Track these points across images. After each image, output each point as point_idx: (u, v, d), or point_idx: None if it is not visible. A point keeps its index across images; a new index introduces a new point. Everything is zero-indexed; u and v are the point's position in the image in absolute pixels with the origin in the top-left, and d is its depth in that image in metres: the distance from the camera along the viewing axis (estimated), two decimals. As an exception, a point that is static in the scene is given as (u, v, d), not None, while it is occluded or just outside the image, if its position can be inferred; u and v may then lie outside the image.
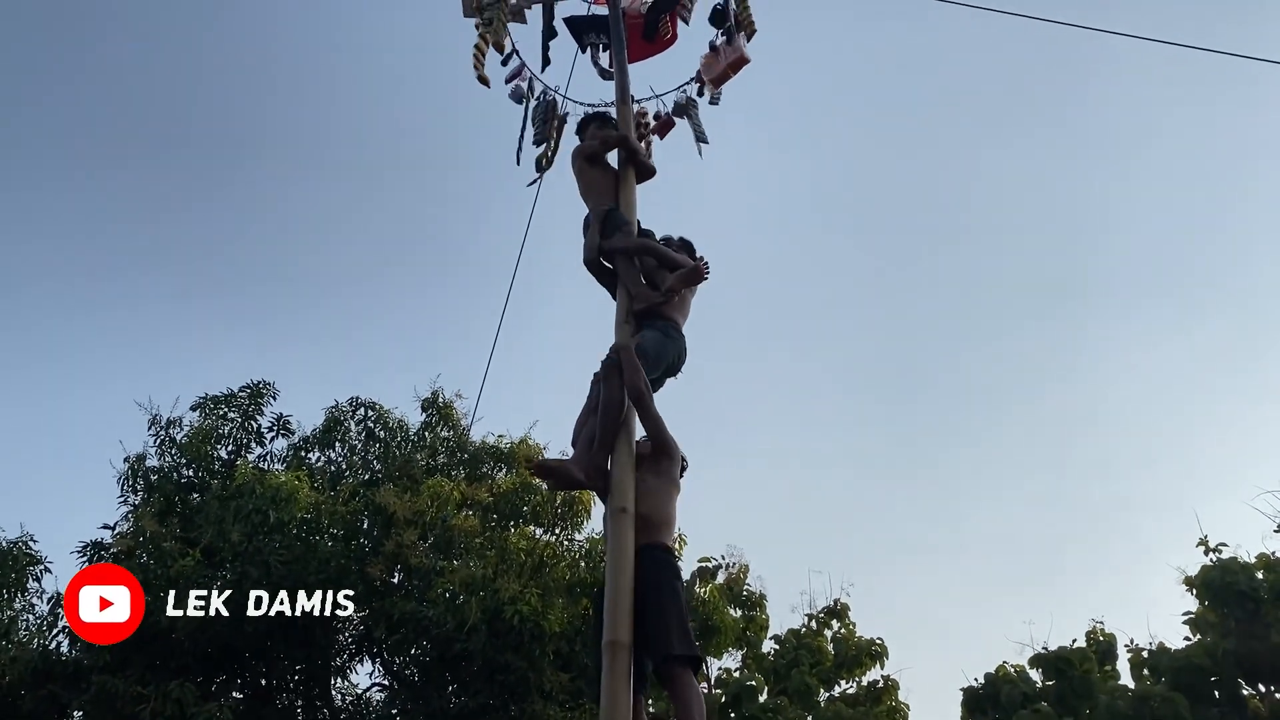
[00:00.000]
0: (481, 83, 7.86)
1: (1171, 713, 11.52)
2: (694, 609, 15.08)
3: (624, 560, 5.00)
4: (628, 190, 6.68)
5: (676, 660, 4.92)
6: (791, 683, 15.23)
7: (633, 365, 5.55)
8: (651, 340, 5.85)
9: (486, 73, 7.82)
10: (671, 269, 6.14)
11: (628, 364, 5.56)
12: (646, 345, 5.79)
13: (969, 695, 14.13)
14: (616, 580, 4.97)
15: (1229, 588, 12.24)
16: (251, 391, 15.34)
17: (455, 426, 15.74)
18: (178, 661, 12.14)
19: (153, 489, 14.48)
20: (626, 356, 5.60)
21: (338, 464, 15.36)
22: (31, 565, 13.88)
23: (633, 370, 5.54)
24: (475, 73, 7.79)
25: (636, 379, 5.53)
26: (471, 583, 12.19)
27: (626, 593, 4.89)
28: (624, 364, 5.57)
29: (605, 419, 5.49)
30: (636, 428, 5.60)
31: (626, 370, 5.54)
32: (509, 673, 12.06)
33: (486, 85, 7.90)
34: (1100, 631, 14.03)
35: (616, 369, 5.57)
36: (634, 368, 5.55)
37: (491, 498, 13.97)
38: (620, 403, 5.50)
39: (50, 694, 12.09)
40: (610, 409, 5.49)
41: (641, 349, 5.72)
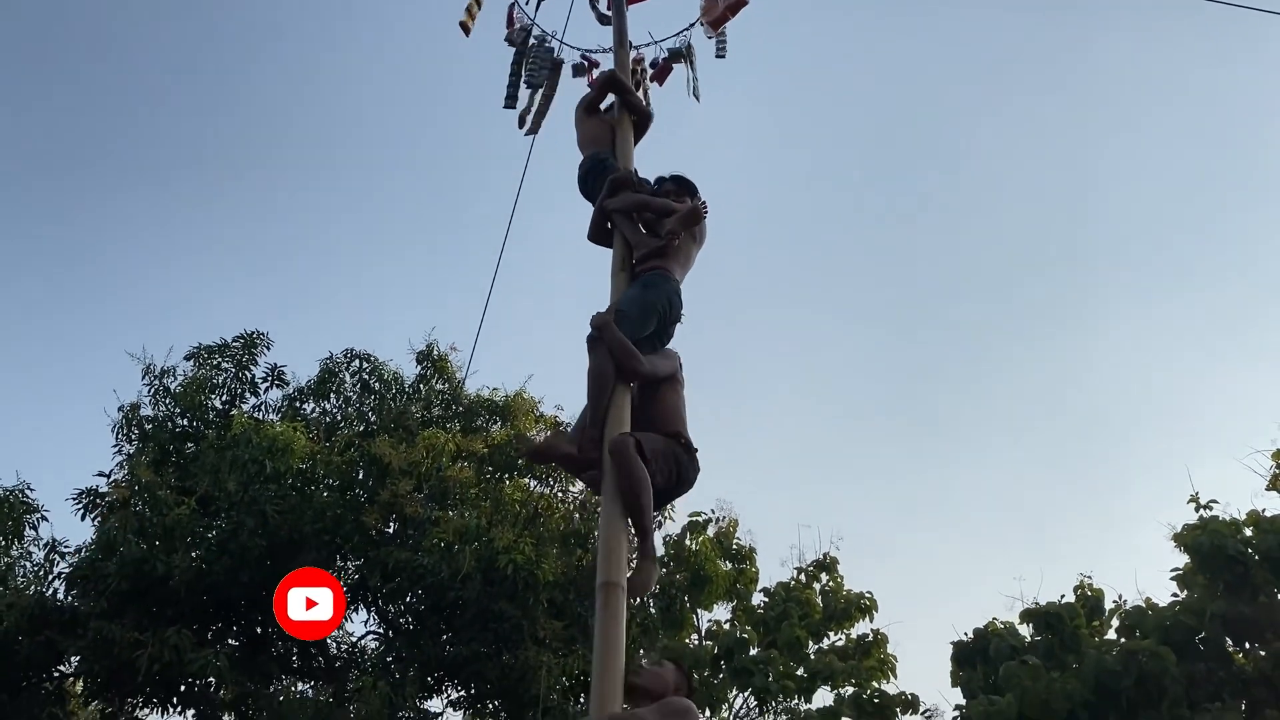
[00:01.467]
0: (462, 28, 7.78)
1: (1159, 667, 11.64)
2: (685, 560, 15.24)
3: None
4: (624, 134, 6.58)
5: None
6: (781, 635, 15.39)
7: (617, 341, 5.31)
8: (630, 300, 5.62)
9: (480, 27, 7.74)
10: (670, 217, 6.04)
11: (612, 340, 5.31)
12: (625, 307, 5.56)
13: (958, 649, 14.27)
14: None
15: (1218, 551, 12.33)
16: (245, 342, 15.32)
17: (450, 379, 15.78)
18: (174, 609, 12.23)
19: (147, 438, 14.53)
20: (610, 335, 5.33)
21: (332, 415, 15.40)
22: (28, 513, 13.96)
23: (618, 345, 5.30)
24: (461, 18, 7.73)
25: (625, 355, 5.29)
26: (466, 532, 12.29)
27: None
28: (608, 342, 5.31)
29: (592, 393, 5.30)
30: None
31: (614, 348, 5.29)
32: (503, 621, 12.19)
33: (466, 33, 7.82)
34: (1088, 586, 14.16)
35: (598, 341, 5.35)
36: (619, 343, 5.30)
37: (486, 449, 14.05)
38: (606, 375, 5.26)
39: (47, 640, 12.18)
40: (596, 382, 5.30)
41: (621, 314, 5.49)
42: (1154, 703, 11.73)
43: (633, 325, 5.47)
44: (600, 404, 5.25)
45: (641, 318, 5.57)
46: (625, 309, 5.55)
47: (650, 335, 5.62)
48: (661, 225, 5.95)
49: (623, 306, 5.57)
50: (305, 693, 13.11)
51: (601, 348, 5.33)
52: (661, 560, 15.25)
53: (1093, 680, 12.00)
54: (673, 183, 6.27)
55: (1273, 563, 12.10)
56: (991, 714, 12.42)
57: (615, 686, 4.31)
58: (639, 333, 5.49)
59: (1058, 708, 12.01)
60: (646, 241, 5.92)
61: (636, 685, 4.46)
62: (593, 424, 5.24)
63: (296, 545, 12.64)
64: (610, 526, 4.98)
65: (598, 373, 5.30)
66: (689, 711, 4.15)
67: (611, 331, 5.37)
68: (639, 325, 5.52)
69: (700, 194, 6.18)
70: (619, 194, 6.15)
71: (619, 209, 6.09)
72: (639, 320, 5.54)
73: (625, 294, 5.69)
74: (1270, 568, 12.14)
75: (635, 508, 4.90)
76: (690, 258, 6.01)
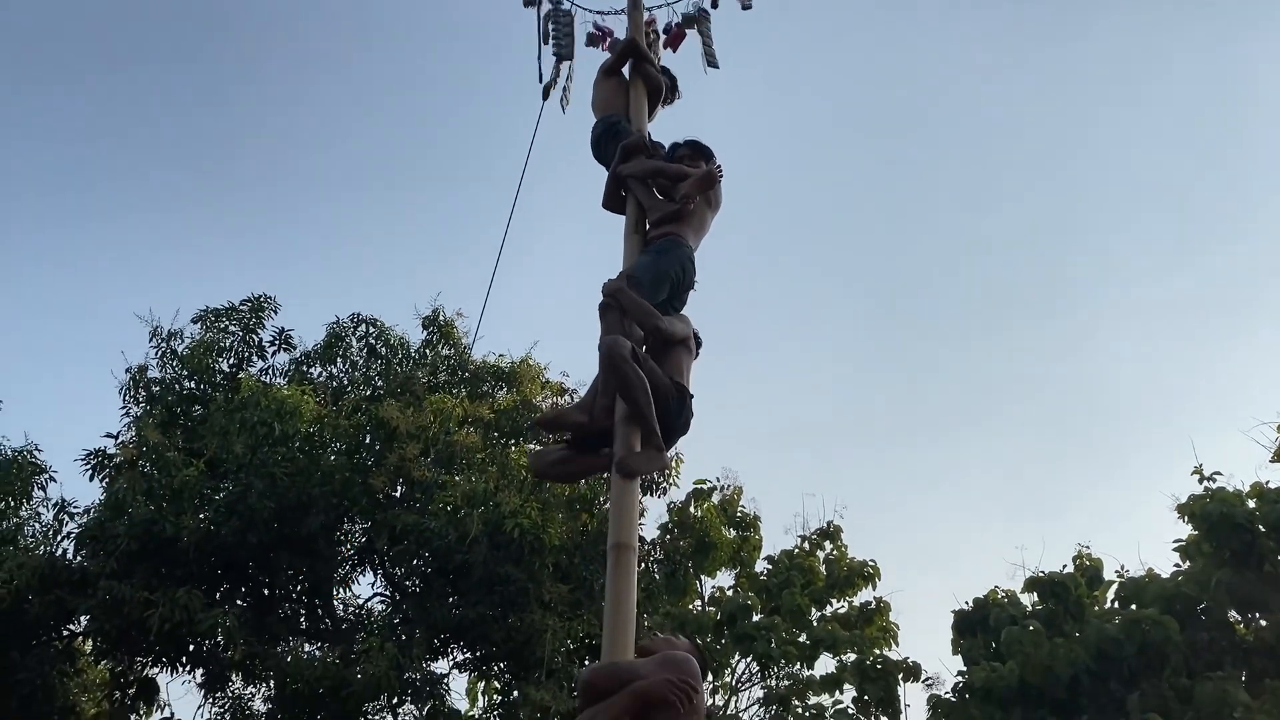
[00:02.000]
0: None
1: (1162, 635, 11.70)
2: (690, 528, 15.32)
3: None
4: (638, 97, 6.57)
5: None
6: (784, 602, 15.45)
7: (633, 302, 5.27)
8: (642, 266, 5.58)
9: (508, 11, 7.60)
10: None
11: (628, 303, 5.27)
12: (638, 274, 5.52)
13: (959, 618, 14.34)
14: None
15: (1225, 518, 12.34)
16: (253, 305, 15.34)
17: (456, 345, 15.80)
18: (183, 570, 12.34)
19: (154, 400, 14.59)
20: (625, 299, 5.29)
21: (339, 379, 15.44)
22: (37, 474, 14.06)
23: (635, 306, 5.26)
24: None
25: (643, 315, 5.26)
26: (473, 496, 12.35)
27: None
28: (624, 305, 5.27)
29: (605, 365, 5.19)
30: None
31: (631, 310, 5.25)
32: (509, 584, 12.28)
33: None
34: (1087, 556, 14.21)
35: (609, 309, 5.31)
36: (635, 304, 5.27)
37: (493, 415, 14.09)
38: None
39: (57, 599, 12.30)
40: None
41: (634, 280, 5.46)
42: (1156, 671, 11.80)
43: (645, 292, 5.43)
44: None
45: (654, 284, 5.53)
46: (638, 275, 5.51)
47: (663, 302, 5.57)
48: (676, 190, 5.89)
49: (635, 273, 5.53)
50: (313, 653, 13.22)
51: (612, 314, 5.30)
52: (666, 527, 15.35)
53: (1094, 648, 12.07)
54: (687, 147, 6.21)
55: (1278, 533, 12.13)
56: (993, 680, 12.51)
57: (627, 642, 4.38)
58: (652, 300, 5.45)
59: (1061, 673, 12.08)
60: (661, 206, 5.88)
61: (647, 649, 4.54)
62: (604, 392, 5.21)
63: (304, 508, 12.72)
64: (621, 490, 5.02)
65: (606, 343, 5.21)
66: (687, 662, 4.19)
67: (626, 295, 5.35)
68: (652, 292, 5.47)
69: (715, 158, 6.14)
70: (632, 160, 6.13)
71: (632, 175, 6.06)
72: (651, 287, 5.50)
73: (638, 260, 5.66)
74: (1276, 538, 12.16)
75: (636, 402, 4.97)
76: (705, 223, 5.95)
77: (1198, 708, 11.15)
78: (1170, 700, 11.46)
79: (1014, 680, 12.36)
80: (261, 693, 13.65)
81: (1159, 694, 11.53)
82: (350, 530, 13.90)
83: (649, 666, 4.16)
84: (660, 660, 4.17)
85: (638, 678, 4.13)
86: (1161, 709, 11.25)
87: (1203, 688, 11.24)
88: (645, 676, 4.08)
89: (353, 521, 13.67)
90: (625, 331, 5.26)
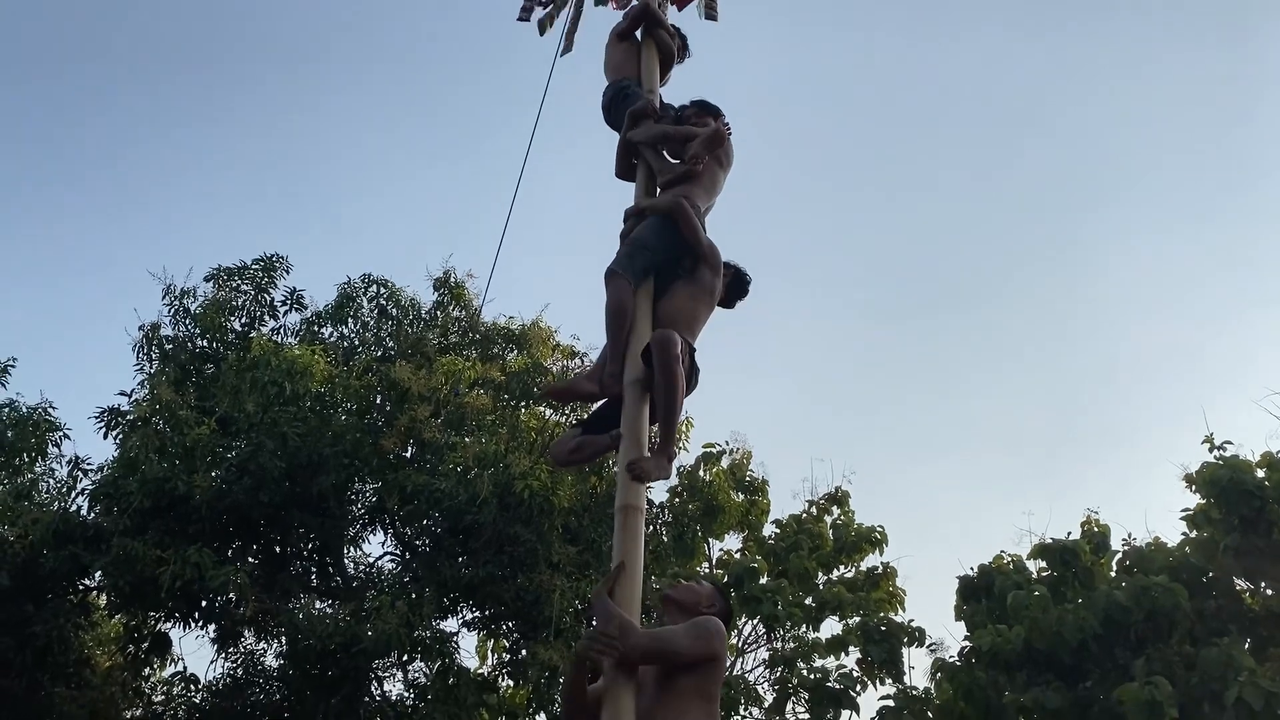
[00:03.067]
0: None
1: (1171, 602, 11.74)
2: (699, 491, 15.38)
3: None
4: (649, 59, 6.48)
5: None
6: (791, 565, 15.54)
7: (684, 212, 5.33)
8: (651, 229, 5.45)
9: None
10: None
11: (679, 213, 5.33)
12: (644, 236, 5.40)
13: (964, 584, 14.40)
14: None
15: (1235, 485, 12.33)
16: (265, 264, 15.36)
17: (466, 307, 15.82)
18: (195, 527, 12.44)
19: (167, 358, 14.67)
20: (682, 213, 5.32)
21: (350, 340, 15.50)
22: (51, 431, 14.17)
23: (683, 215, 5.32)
24: None
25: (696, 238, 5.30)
26: (484, 457, 12.42)
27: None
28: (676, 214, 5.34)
29: (611, 328, 5.16)
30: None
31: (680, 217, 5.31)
32: (518, 544, 12.37)
33: None
34: (1095, 523, 14.22)
35: (615, 275, 5.20)
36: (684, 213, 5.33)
37: (503, 377, 14.13)
38: (624, 309, 5.12)
39: (71, 554, 12.43)
40: (615, 318, 5.15)
41: (640, 244, 5.35)
42: (1162, 637, 11.85)
43: (653, 255, 5.33)
44: (620, 339, 5.12)
45: (661, 246, 5.40)
46: (645, 238, 5.41)
47: (673, 266, 5.43)
48: (686, 151, 5.79)
49: (642, 236, 5.43)
50: (324, 610, 13.37)
51: (618, 280, 5.19)
52: (675, 490, 15.41)
53: (1102, 614, 12.12)
54: (694, 107, 6.12)
55: (1288, 502, 12.13)
56: (999, 644, 12.57)
57: (634, 604, 4.41)
58: (660, 262, 5.35)
59: (1069, 638, 12.13)
60: (671, 168, 5.79)
61: (669, 598, 4.60)
62: (613, 359, 5.13)
63: (315, 467, 12.81)
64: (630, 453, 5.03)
65: (616, 307, 5.16)
66: (718, 635, 4.11)
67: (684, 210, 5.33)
68: (659, 254, 5.36)
69: (723, 115, 6.05)
70: (639, 125, 6.06)
71: (641, 141, 6.00)
72: (658, 249, 5.38)
73: (645, 223, 5.55)
74: (1285, 507, 12.16)
75: (669, 407, 4.89)
76: (717, 182, 5.84)
77: (1202, 673, 11.21)
78: (1175, 666, 11.53)
79: (1020, 644, 12.43)
80: (273, 648, 13.85)
81: (1164, 659, 11.59)
82: (361, 490, 13.98)
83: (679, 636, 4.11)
84: (690, 631, 4.10)
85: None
86: (1167, 674, 11.31)
87: (1208, 653, 11.29)
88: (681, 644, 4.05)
89: (363, 481, 13.75)
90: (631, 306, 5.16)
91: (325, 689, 12.85)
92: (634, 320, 5.16)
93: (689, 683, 4.00)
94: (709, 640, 4.07)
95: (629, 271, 5.23)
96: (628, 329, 5.14)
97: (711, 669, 4.06)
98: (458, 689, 12.44)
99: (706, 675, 4.04)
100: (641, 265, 5.30)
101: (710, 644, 4.06)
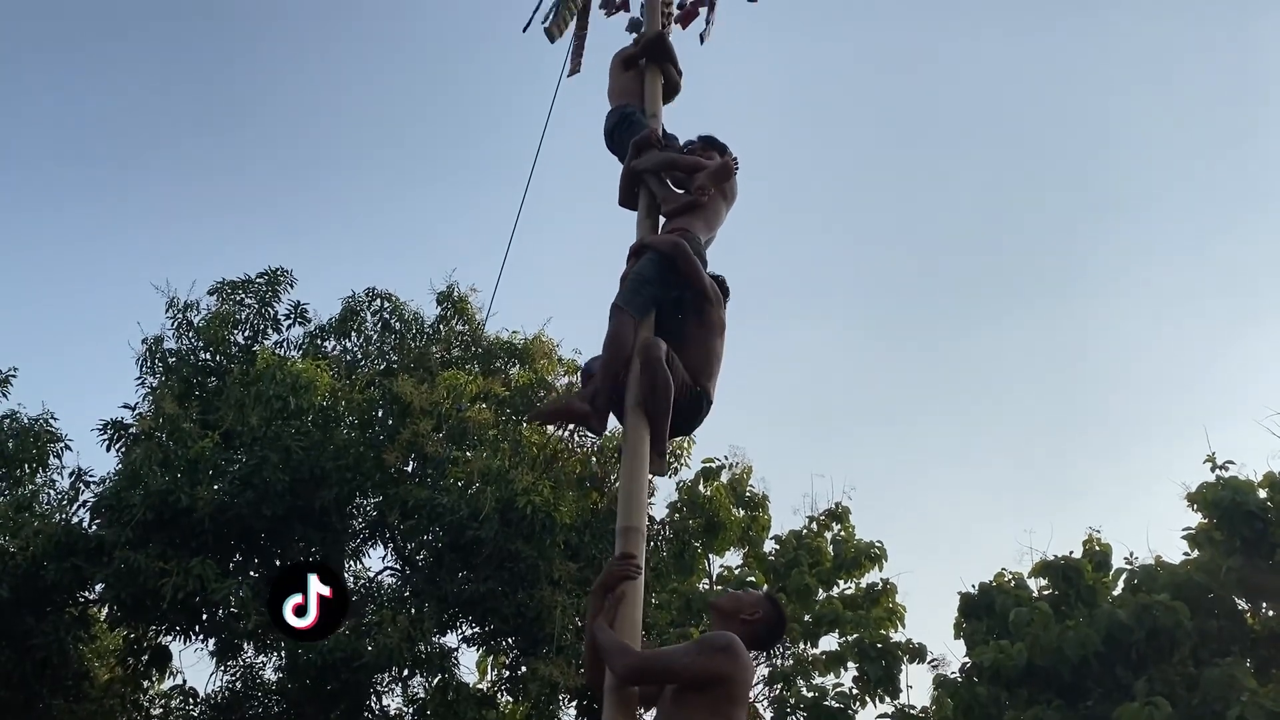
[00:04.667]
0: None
1: (1173, 621, 11.71)
2: (699, 506, 15.38)
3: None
4: (652, 83, 6.49)
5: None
6: (791, 582, 15.52)
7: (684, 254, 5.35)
8: (651, 262, 5.41)
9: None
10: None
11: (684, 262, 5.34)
12: (647, 270, 5.37)
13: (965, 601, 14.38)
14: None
15: (1237, 506, 12.32)
16: (269, 278, 15.43)
17: (470, 321, 15.85)
18: (197, 540, 12.46)
19: (170, 371, 14.71)
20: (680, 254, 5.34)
21: (353, 353, 15.54)
22: (52, 442, 14.21)
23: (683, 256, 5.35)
24: None
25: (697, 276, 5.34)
26: (486, 473, 12.43)
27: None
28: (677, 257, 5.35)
29: (607, 360, 5.16)
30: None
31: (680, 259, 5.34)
32: (519, 560, 12.37)
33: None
34: (1097, 541, 14.20)
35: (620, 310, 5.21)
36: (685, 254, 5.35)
37: (507, 392, 14.15)
38: (624, 342, 5.12)
39: (74, 566, 12.44)
40: (612, 349, 5.15)
41: (641, 278, 5.33)
42: (1164, 656, 11.82)
43: (656, 288, 5.33)
44: (613, 368, 5.12)
45: (663, 281, 5.40)
46: (648, 274, 5.39)
47: (675, 300, 5.44)
48: (692, 181, 5.82)
49: (645, 271, 5.41)
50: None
51: (621, 314, 5.22)
52: (675, 505, 15.41)
53: (1105, 632, 12.09)
54: (700, 142, 6.14)
55: (1290, 522, 12.11)
56: (1001, 660, 12.54)
57: (635, 621, 4.43)
58: (663, 296, 5.36)
59: (1071, 656, 12.11)
60: (675, 197, 5.81)
61: (714, 604, 4.61)
62: (604, 378, 5.14)
63: (318, 481, 12.83)
64: (632, 473, 5.05)
65: (615, 338, 5.16)
66: (726, 651, 3.98)
67: (684, 252, 5.37)
68: (662, 288, 5.36)
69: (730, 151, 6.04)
70: (643, 154, 6.05)
71: (646, 169, 6.02)
72: (661, 283, 5.38)
73: (647, 257, 5.51)
74: (1287, 527, 12.14)
75: (657, 411, 4.98)
76: (719, 215, 5.86)
77: (1204, 693, 11.18)
78: (1177, 686, 11.50)
79: (1021, 662, 12.40)
80: (272, 662, 13.85)
81: (1166, 679, 11.56)
82: (362, 504, 14.00)
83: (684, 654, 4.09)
84: (699, 646, 4.06)
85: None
86: (1168, 694, 11.28)
87: (1210, 673, 11.26)
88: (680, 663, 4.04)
89: (365, 495, 13.77)
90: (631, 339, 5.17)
91: (325, 703, 12.86)
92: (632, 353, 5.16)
93: (699, 699, 3.94)
94: (710, 658, 3.96)
95: (631, 306, 5.26)
96: (624, 359, 5.15)
97: (721, 687, 3.95)
98: (457, 704, 12.44)
99: (716, 693, 3.95)
100: (644, 300, 5.32)
101: (712, 662, 3.95)
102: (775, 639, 4.78)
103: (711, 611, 4.62)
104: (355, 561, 14.78)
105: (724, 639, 4.05)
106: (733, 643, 4.01)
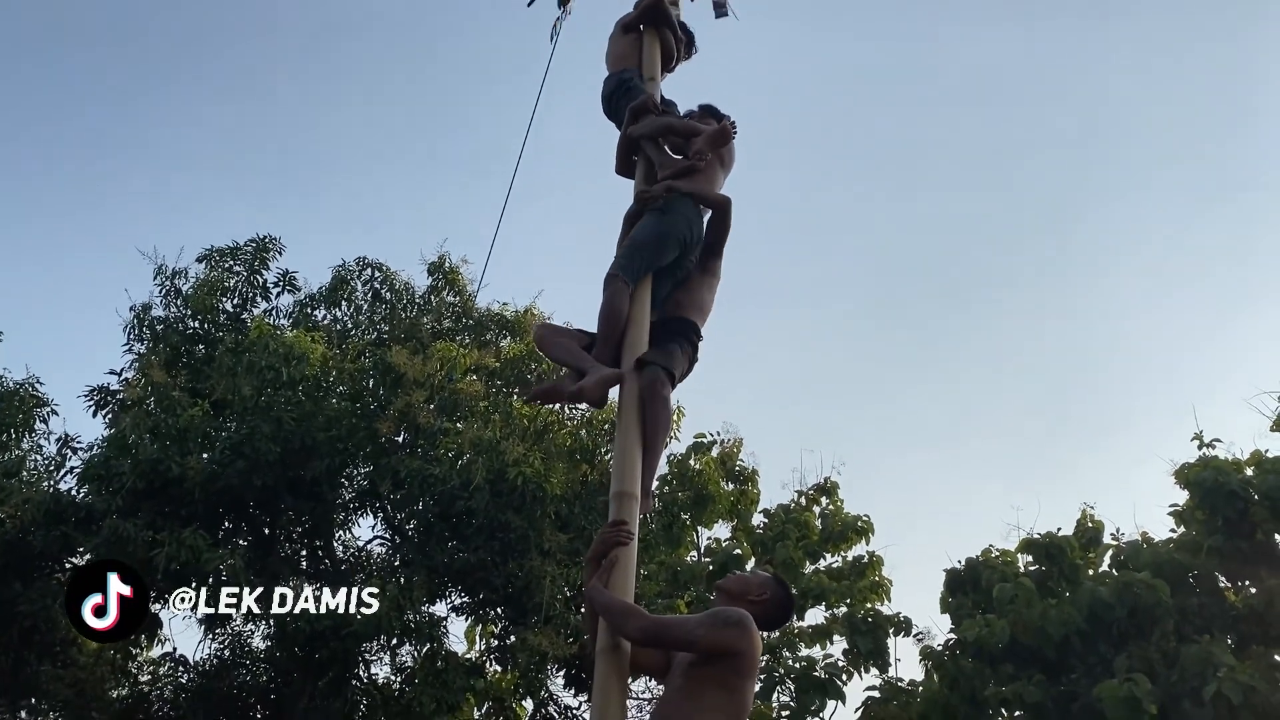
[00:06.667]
0: None
1: (1154, 599, 11.84)
2: (689, 480, 15.43)
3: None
4: (651, 49, 6.43)
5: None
6: (778, 555, 15.62)
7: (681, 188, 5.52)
8: (646, 228, 5.38)
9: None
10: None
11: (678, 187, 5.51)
12: (642, 236, 5.34)
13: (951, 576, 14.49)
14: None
15: (1219, 486, 12.43)
16: (257, 246, 15.31)
17: (461, 292, 15.80)
18: (187, 509, 12.42)
19: (158, 339, 14.61)
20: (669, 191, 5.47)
21: (344, 323, 15.46)
22: (38, 407, 14.09)
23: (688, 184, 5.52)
24: None
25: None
26: (477, 443, 12.43)
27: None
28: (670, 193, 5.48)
29: (603, 331, 5.12)
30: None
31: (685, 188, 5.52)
32: (509, 531, 12.39)
33: None
34: (1090, 517, 14.29)
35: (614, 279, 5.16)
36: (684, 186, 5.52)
37: (497, 363, 14.13)
38: (619, 313, 5.10)
39: (62, 535, 12.38)
40: (608, 321, 5.11)
41: (637, 243, 5.30)
42: (1145, 633, 11.96)
43: (651, 254, 5.31)
44: (610, 342, 5.08)
45: (658, 245, 5.37)
46: (643, 239, 5.36)
47: (674, 261, 5.41)
48: (689, 146, 5.79)
49: (639, 236, 5.38)
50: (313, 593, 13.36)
51: (616, 282, 5.19)
52: (665, 479, 15.45)
53: (1086, 609, 12.22)
54: (700, 111, 6.11)
55: (1272, 502, 12.23)
56: (985, 636, 12.67)
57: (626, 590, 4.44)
58: (658, 261, 5.33)
59: (1053, 633, 12.24)
60: (672, 163, 5.77)
61: (720, 585, 4.57)
62: (599, 357, 5.08)
63: (308, 451, 12.79)
64: (625, 440, 5.04)
65: (610, 311, 5.13)
66: (737, 626, 3.98)
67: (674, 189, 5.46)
68: (657, 253, 5.34)
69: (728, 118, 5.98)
70: (640, 120, 6.02)
71: (643, 135, 5.97)
72: (656, 248, 5.35)
73: (641, 223, 5.47)
74: (1270, 507, 12.27)
75: (652, 447, 4.92)
76: (716, 182, 5.80)
77: (1183, 669, 11.31)
78: (1156, 662, 11.64)
79: (1005, 637, 12.53)
80: (261, 630, 13.87)
81: (1146, 656, 11.70)
82: (353, 474, 13.98)
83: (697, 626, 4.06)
84: (710, 619, 4.03)
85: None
86: (1148, 670, 11.42)
87: (1189, 650, 11.40)
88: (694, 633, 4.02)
89: (356, 465, 13.75)
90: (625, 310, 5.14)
91: (313, 671, 12.90)
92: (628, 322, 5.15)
93: (710, 671, 3.96)
94: (723, 631, 3.97)
95: (626, 273, 5.22)
96: (619, 333, 5.12)
97: (731, 660, 3.96)
98: (445, 673, 12.48)
99: (727, 666, 3.97)
100: (640, 266, 5.28)
101: (724, 635, 3.96)
102: (784, 619, 4.75)
103: (718, 594, 4.53)
104: (345, 531, 14.80)
105: (736, 614, 4.06)
106: (745, 618, 4.02)
